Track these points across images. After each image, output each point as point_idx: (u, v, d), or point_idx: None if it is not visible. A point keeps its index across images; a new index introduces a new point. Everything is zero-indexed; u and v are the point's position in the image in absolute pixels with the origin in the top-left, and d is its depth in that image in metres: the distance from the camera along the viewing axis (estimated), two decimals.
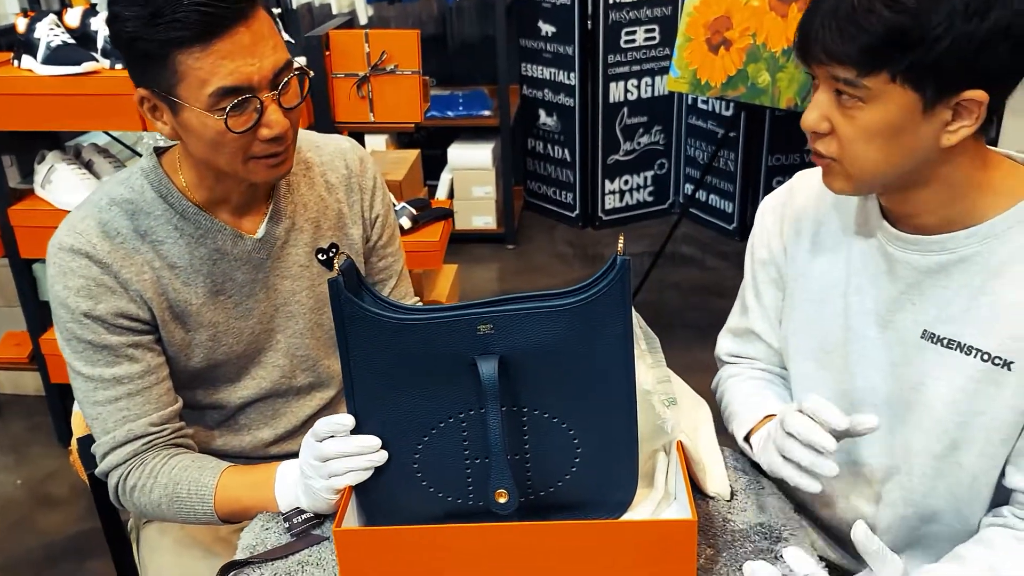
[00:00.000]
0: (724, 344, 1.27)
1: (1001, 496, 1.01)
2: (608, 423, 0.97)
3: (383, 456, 0.97)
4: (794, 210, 1.14)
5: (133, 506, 1.16)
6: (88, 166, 2.37)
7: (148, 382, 1.14)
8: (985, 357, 0.95)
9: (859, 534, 0.87)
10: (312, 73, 1.14)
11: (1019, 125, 2.78)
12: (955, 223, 0.96)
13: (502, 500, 0.94)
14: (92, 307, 1.10)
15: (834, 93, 0.91)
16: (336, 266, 0.93)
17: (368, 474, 0.98)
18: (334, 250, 1.27)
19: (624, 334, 0.94)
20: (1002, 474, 1.00)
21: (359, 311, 0.92)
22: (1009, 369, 0.94)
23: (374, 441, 0.97)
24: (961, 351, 0.97)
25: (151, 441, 1.14)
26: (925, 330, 1.00)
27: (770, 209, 1.17)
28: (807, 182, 1.15)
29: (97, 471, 1.17)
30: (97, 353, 1.11)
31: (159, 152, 1.18)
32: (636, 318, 1.05)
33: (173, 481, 1.13)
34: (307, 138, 1.29)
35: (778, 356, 1.20)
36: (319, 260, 1.26)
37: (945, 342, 0.98)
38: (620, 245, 0.91)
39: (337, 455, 0.97)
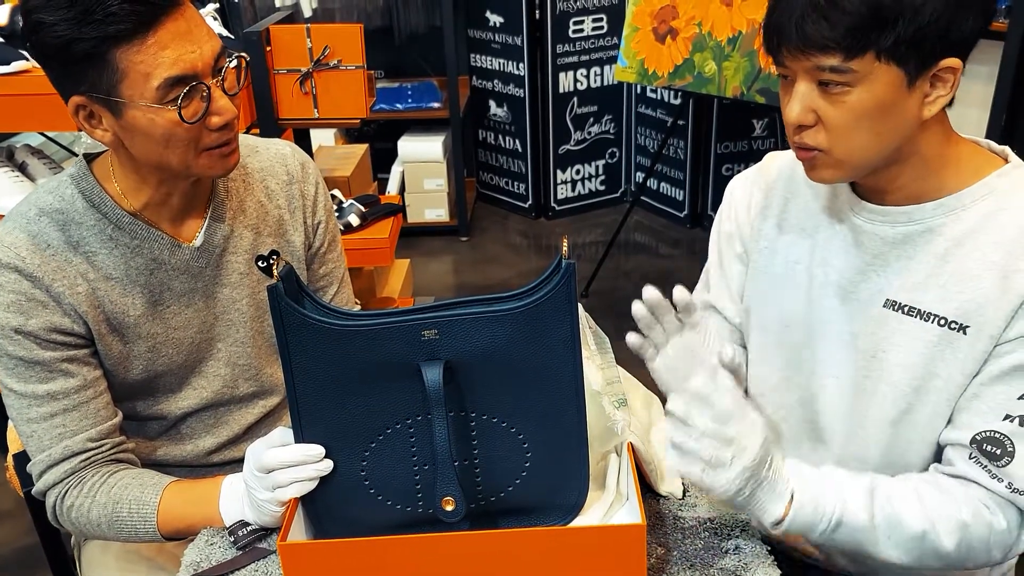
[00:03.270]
0: None
1: (938, 454, 1.04)
2: (557, 426, 0.96)
3: (328, 465, 0.95)
4: (764, 186, 1.15)
5: (72, 526, 1.13)
6: (22, 168, 2.30)
7: (85, 397, 1.10)
8: (942, 322, 0.98)
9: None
10: (248, 57, 1.11)
11: (956, 111, 2.83)
12: (923, 196, 0.99)
13: (449, 508, 0.93)
14: (23, 323, 1.06)
15: (816, 83, 0.92)
16: (276, 272, 0.91)
17: (313, 484, 0.96)
18: (274, 257, 1.24)
19: (571, 337, 0.93)
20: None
21: (300, 317, 0.90)
22: (964, 333, 0.97)
23: (317, 449, 0.95)
24: (920, 317, 1.00)
25: (90, 458, 1.10)
26: (887, 299, 1.02)
27: (740, 185, 1.19)
28: (778, 161, 1.17)
29: (34, 491, 1.13)
30: (30, 369, 1.08)
31: (89, 158, 1.13)
32: (585, 318, 1.05)
33: (113, 500, 1.09)
34: (245, 142, 1.25)
35: (737, 333, 1.21)
36: (259, 267, 1.23)
37: (906, 309, 1.01)
38: (564, 248, 0.91)
39: (280, 465, 0.95)
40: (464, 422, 0.95)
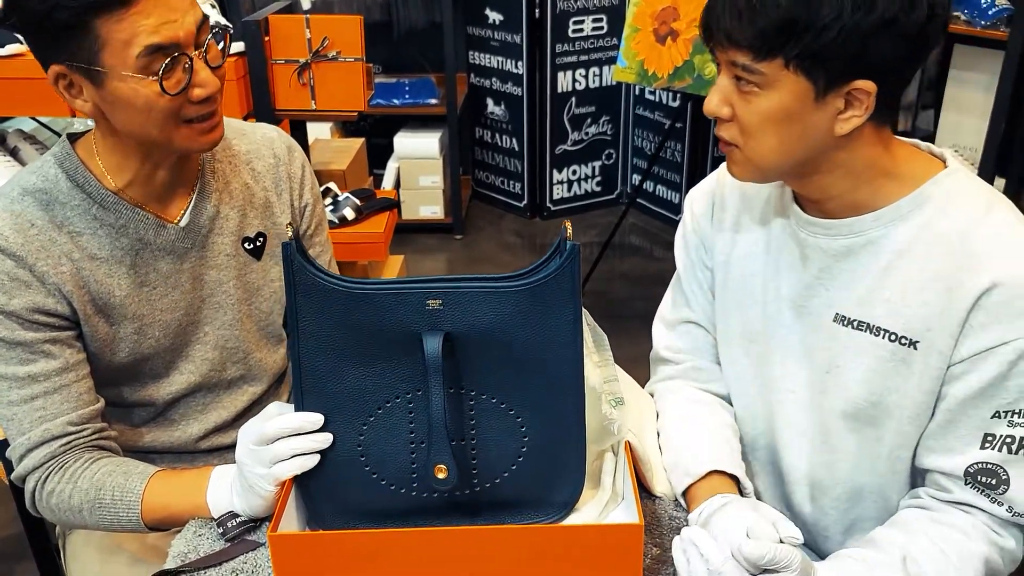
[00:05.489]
0: (660, 336, 1.25)
1: (918, 478, 1.03)
2: (555, 411, 0.96)
3: (327, 438, 0.94)
4: (720, 198, 1.15)
5: (51, 513, 1.10)
6: (13, 153, 2.28)
7: (66, 379, 1.08)
8: (892, 337, 0.97)
9: (747, 552, 0.84)
10: (232, 29, 1.11)
11: (956, 120, 2.83)
12: (862, 207, 0.98)
13: (441, 476, 0.91)
14: (5, 303, 1.04)
15: (734, 79, 0.93)
16: (288, 233, 0.91)
17: (314, 461, 0.94)
18: (261, 239, 1.23)
19: (573, 321, 0.93)
20: (915, 456, 1.01)
21: (311, 278, 0.91)
22: (915, 348, 0.96)
23: (317, 417, 0.94)
24: (871, 332, 0.99)
25: (70, 442, 1.08)
26: (837, 313, 1.01)
27: (699, 196, 1.18)
28: None
29: (12, 476, 1.11)
30: (11, 351, 1.06)
31: (72, 138, 1.12)
32: (584, 315, 1.04)
33: (96, 486, 1.07)
34: (232, 126, 1.24)
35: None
36: (245, 249, 1.22)
37: (855, 324, 1.00)
38: (569, 231, 0.92)
39: (281, 433, 0.94)
40: (463, 400, 0.95)
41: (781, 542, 0.86)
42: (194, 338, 1.20)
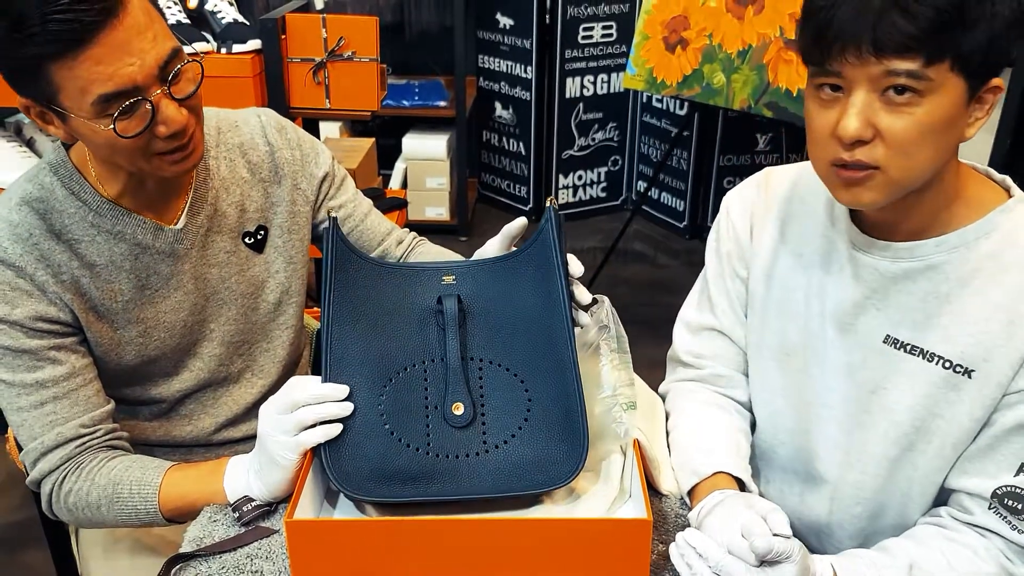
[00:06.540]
0: (682, 339, 1.23)
1: (941, 497, 1.03)
2: (555, 372, 1.03)
3: (349, 407, 0.99)
4: (762, 207, 1.12)
5: (69, 513, 1.11)
6: (29, 144, 2.30)
7: (74, 384, 1.09)
8: (947, 364, 0.96)
9: (757, 548, 0.85)
10: (203, 57, 1.11)
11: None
12: (927, 231, 0.95)
13: (458, 412, 1.02)
14: (8, 312, 1.05)
15: (878, 93, 0.84)
16: (327, 216, 1.02)
17: (338, 429, 0.98)
18: (262, 232, 1.23)
19: (556, 274, 1.08)
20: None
21: (345, 253, 1.09)
22: (969, 377, 0.95)
23: (343, 388, 0.99)
24: (923, 357, 0.98)
25: (84, 443, 1.09)
26: (888, 335, 1.00)
27: (737, 204, 1.15)
28: (775, 179, 1.13)
29: (28, 481, 1.11)
30: (17, 358, 1.06)
31: (67, 145, 1.11)
32: (612, 313, 1.13)
33: (113, 481, 1.08)
34: (227, 118, 1.23)
35: (742, 355, 1.18)
36: (246, 244, 1.21)
37: (908, 348, 0.99)
38: (548, 203, 1.13)
39: (309, 399, 0.97)
40: (474, 369, 1.05)
41: (776, 536, 0.87)
42: (201, 336, 1.21)
